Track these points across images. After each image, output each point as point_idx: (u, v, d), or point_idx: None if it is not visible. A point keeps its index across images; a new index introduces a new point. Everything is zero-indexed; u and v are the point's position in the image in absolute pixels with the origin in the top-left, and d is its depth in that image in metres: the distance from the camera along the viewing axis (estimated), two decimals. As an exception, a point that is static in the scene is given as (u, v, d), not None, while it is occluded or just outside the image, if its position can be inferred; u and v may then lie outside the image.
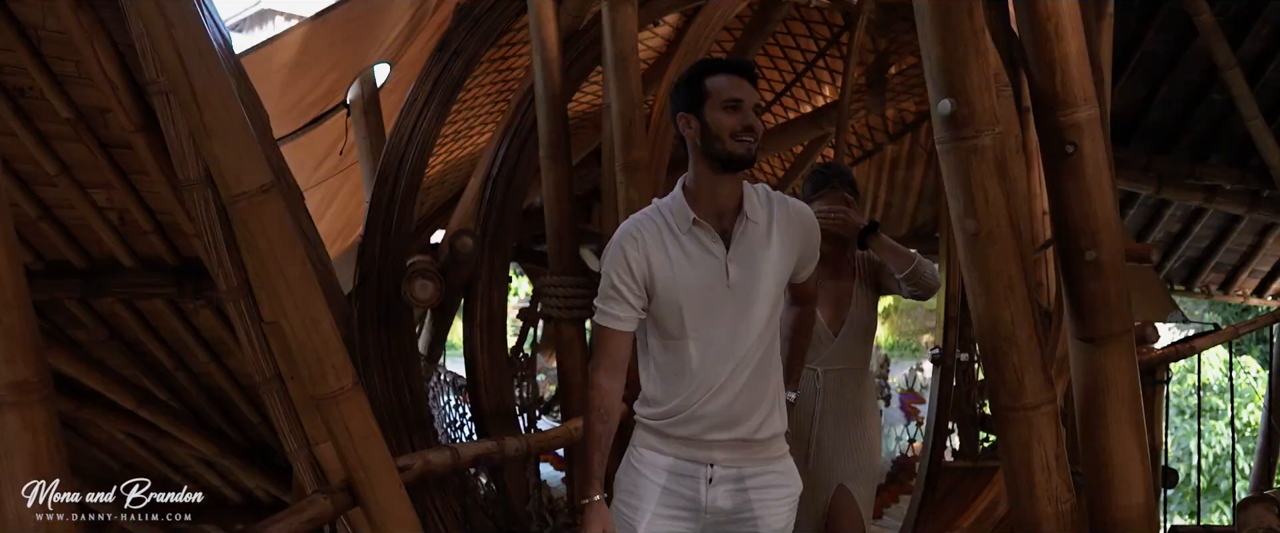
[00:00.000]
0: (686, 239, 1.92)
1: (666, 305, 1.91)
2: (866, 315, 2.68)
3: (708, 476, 1.95)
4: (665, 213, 1.96)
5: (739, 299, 1.91)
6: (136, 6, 1.74)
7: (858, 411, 2.66)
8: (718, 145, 1.87)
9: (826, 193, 2.63)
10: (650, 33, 5.86)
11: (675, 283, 1.89)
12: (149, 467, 4.78)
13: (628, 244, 1.92)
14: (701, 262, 1.90)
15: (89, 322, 3.97)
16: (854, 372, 2.66)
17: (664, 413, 1.96)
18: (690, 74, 1.95)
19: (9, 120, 3.06)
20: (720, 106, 1.87)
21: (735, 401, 1.92)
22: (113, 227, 3.60)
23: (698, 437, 1.94)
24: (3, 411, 1.21)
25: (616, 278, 1.92)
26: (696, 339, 1.91)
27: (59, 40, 2.83)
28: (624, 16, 3.23)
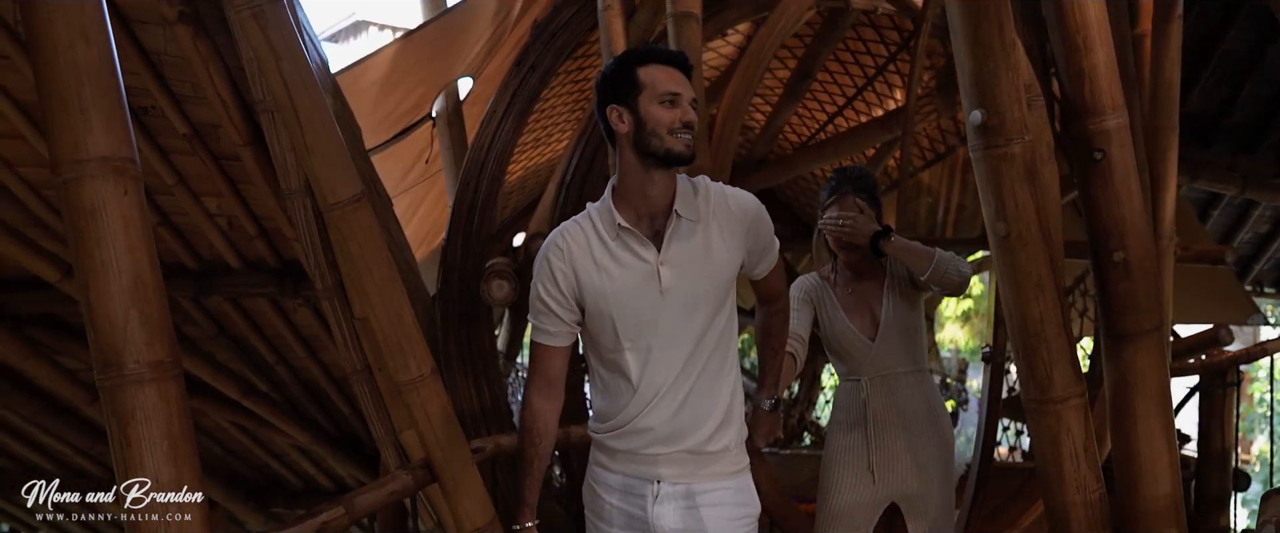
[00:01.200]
0: (615, 245, 1.79)
1: (598, 318, 1.80)
2: (905, 316, 2.54)
3: (654, 492, 1.83)
4: (593, 219, 1.83)
5: (676, 305, 1.78)
6: (246, 37, 1.99)
7: (918, 418, 2.51)
8: (655, 142, 1.74)
9: (838, 199, 2.55)
10: (723, 41, 6.02)
11: (605, 293, 1.78)
12: (251, 454, 5.16)
13: (552, 256, 1.82)
14: (632, 268, 1.78)
15: (200, 319, 4.34)
16: (903, 376, 2.52)
17: (608, 428, 1.86)
18: (619, 64, 1.81)
19: (134, 136, 3.40)
20: (656, 100, 1.75)
21: (679, 412, 1.80)
22: (222, 232, 3.93)
23: (640, 451, 1.83)
24: (144, 384, 1.44)
25: (544, 292, 1.82)
26: (633, 350, 1.80)
27: (178, 64, 3.14)
28: (688, 30, 3.40)
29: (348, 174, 1.97)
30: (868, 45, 5.89)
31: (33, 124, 3.23)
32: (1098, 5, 2.03)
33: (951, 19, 1.97)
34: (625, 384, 1.82)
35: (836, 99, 6.57)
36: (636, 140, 1.75)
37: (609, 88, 1.79)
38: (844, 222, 2.49)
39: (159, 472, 1.40)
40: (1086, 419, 2.01)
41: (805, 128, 7.09)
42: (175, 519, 1.48)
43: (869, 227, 2.48)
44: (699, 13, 3.45)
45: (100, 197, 1.35)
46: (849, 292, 2.58)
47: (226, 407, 4.66)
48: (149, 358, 1.43)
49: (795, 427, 8.11)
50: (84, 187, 1.34)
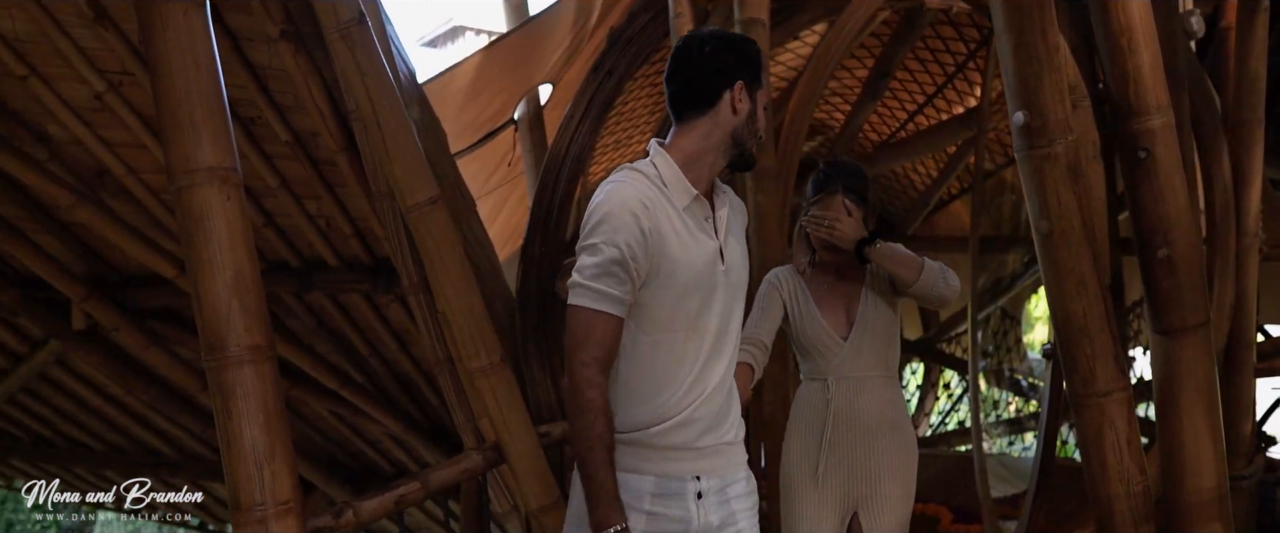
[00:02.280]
0: (686, 214, 1.68)
1: (669, 290, 1.64)
2: (881, 317, 2.41)
3: (696, 490, 1.70)
4: (656, 181, 1.67)
5: (729, 288, 1.73)
6: (336, 55, 2.20)
7: (880, 425, 2.38)
8: (751, 139, 1.73)
9: (824, 197, 2.42)
10: (799, 41, 6.08)
11: (684, 263, 1.64)
12: (347, 441, 5.47)
13: (638, 211, 1.61)
14: (701, 242, 1.68)
15: (301, 313, 4.65)
16: (872, 380, 2.39)
17: (649, 420, 1.67)
18: (757, 50, 1.79)
19: (242, 143, 3.69)
20: (761, 102, 1.76)
21: (725, 401, 1.75)
22: (321, 231, 4.21)
23: (690, 445, 1.69)
24: (243, 365, 1.65)
25: (626, 251, 1.59)
26: (695, 331, 1.68)
27: (280, 76, 3.40)
28: (755, 36, 3.50)
29: (424, 179, 2.16)
30: (947, 43, 5.86)
31: (153, 134, 3.55)
32: (1142, 8, 2.07)
33: (996, 23, 2.04)
34: (680, 368, 1.68)
35: (916, 97, 6.54)
36: (740, 129, 1.70)
37: (741, 65, 1.71)
38: (829, 224, 2.37)
39: (255, 440, 1.60)
40: (1130, 413, 2.05)
41: (885, 126, 7.07)
42: (269, 498, 1.68)
43: (856, 231, 2.36)
44: (766, 19, 3.56)
45: (207, 202, 1.55)
46: (824, 288, 2.46)
47: (325, 396, 4.97)
48: (248, 342, 1.63)
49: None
50: (194, 193, 1.55)
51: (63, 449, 5.85)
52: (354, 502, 1.99)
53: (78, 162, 3.80)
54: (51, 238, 4.16)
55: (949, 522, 4.67)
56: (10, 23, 3.14)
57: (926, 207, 7.19)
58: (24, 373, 5.07)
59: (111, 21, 3.10)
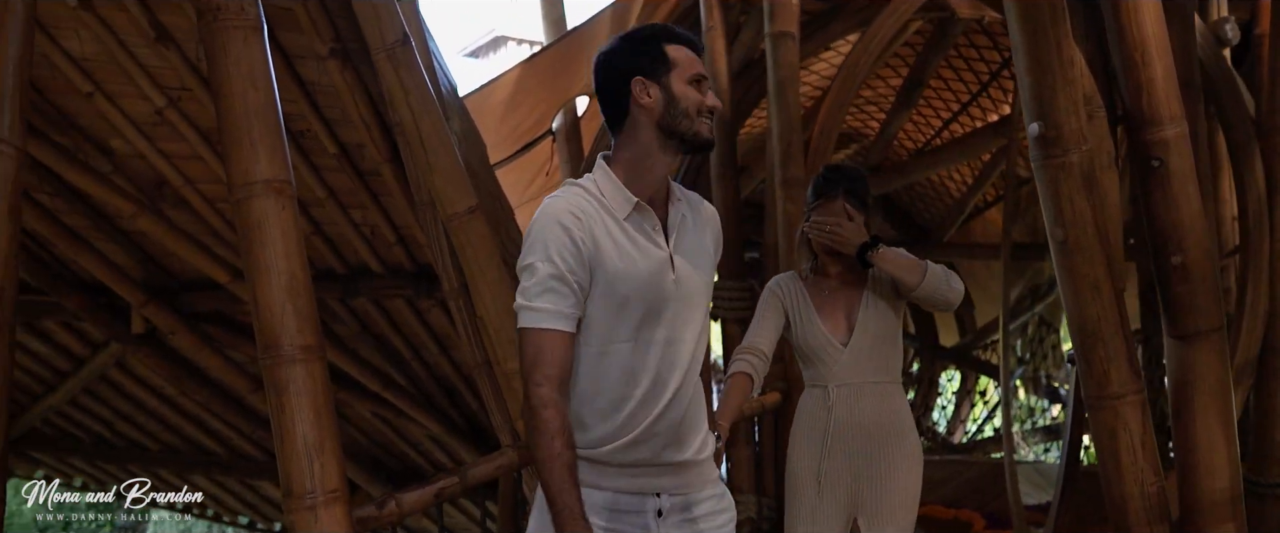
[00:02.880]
0: (628, 223, 1.63)
1: (610, 301, 1.60)
2: (883, 322, 2.40)
3: (657, 507, 1.66)
4: (595, 193, 1.64)
5: (682, 297, 1.65)
6: (381, 73, 2.34)
7: (883, 431, 2.37)
8: (685, 123, 1.63)
9: (825, 202, 2.41)
10: (833, 52, 6.15)
11: (623, 275, 1.59)
12: (390, 443, 5.64)
13: (568, 222, 1.58)
14: (646, 251, 1.62)
15: (347, 318, 4.82)
16: (874, 387, 2.38)
17: (605, 437, 1.63)
18: (646, 38, 1.68)
19: (292, 156, 3.85)
20: (688, 80, 1.64)
21: (683, 417, 1.66)
22: (366, 239, 4.37)
23: (649, 461, 1.64)
24: (295, 364, 1.77)
25: (561, 263, 1.56)
26: (642, 344, 1.62)
27: (329, 92, 3.56)
28: (785, 49, 3.61)
29: (463, 189, 2.29)
30: (980, 51, 5.90)
31: (210, 147, 3.73)
32: (1155, 21, 2.13)
33: (1013, 38, 2.11)
34: (630, 383, 1.63)
35: (950, 105, 6.58)
36: (663, 119, 1.62)
37: (631, 60, 1.65)
38: (831, 229, 2.36)
39: (306, 433, 1.72)
40: (1144, 415, 2.11)
41: (920, 134, 7.10)
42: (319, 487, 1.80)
43: (858, 235, 2.35)
44: (796, 31, 3.65)
45: (264, 211, 1.68)
46: (825, 293, 2.45)
47: (369, 399, 5.14)
48: (300, 342, 1.75)
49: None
50: (252, 204, 1.67)
51: (120, 449, 6.09)
52: (396, 494, 2.10)
53: (139, 173, 4.00)
54: (113, 246, 4.38)
55: (981, 528, 4.70)
56: (78, 43, 3.33)
57: (961, 214, 7.20)
58: (85, 375, 5.31)
59: (172, 41, 3.28)
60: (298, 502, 1.72)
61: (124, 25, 3.25)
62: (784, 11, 3.56)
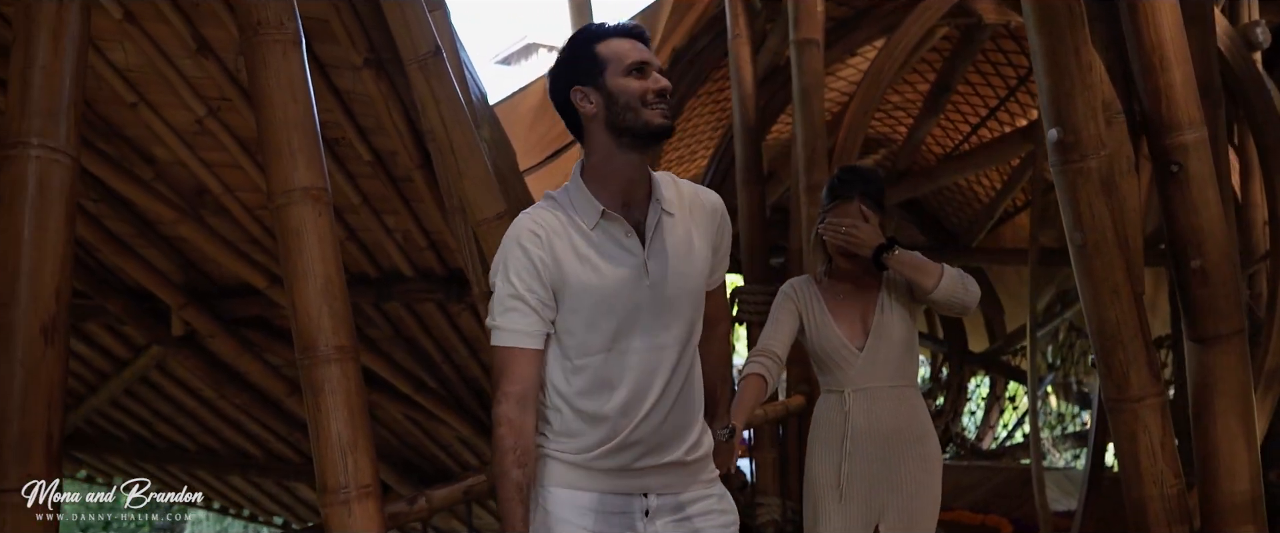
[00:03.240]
0: (596, 234, 1.61)
1: (578, 315, 1.60)
2: (898, 327, 2.37)
3: (643, 507, 1.66)
4: (565, 206, 1.64)
5: (661, 303, 1.62)
6: (413, 83, 2.41)
7: (901, 436, 2.34)
8: (630, 116, 1.56)
9: (840, 204, 2.38)
10: (860, 58, 6.17)
11: (589, 287, 1.59)
12: (421, 445, 5.73)
13: (527, 242, 1.59)
14: (616, 260, 1.60)
15: (379, 322, 4.91)
16: (891, 391, 2.36)
17: (586, 446, 1.64)
18: (573, 43, 1.65)
19: (328, 163, 3.95)
20: (624, 72, 1.58)
21: (666, 421, 1.64)
22: (398, 244, 4.46)
23: (629, 466, 1.65)
24: (331, 363, 1.84)
25: (520, 283, 1.59)
26: (616, 354, 1.62)
27: (363, 101, 3.65)
28: (809, 56, 3.65)
29: (493, 195, 2.35)
30: (1008, 56, 5.89)
31: (248, 155, 3.84)
32: (1174, 26, 2.15)
33: (1031, 44, 2.14)
34: (607, 394, 1.63)
35: (979, 110, 6.57)
36: (609, 119, 1.58)
37: (567, 71, 1.63)
38: (847, 230, 2.33)
39: (340, 430, 1.79)
40: (1164, 417, 2.12)
41: (949, 139, 7.10)
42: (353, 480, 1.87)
43: (873, 237, 2.32)
44: (820, 38, 3.69)
45: (302, 218, 1.76)
46: (840, 297, 2.43)
47: (401, 401, 5.23)
48: (335, 343, 1.82)
49: (941, 437, 8.05)
50: (290, 210, 1.75)
51: (159, 450, 6.24)
52: (427, 491, 2.17)
53: (180, 181, 4.12)
54: (155, 251, 4.51)
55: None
56: (123, 55, 3.45)
57: (990, 219, 7.18)
58: (127, 377, 5.45)
59: (212, 52, 3.39)
60: (332, 496, 1.79)
61: (167, 37, 3.36)
62: (808, 19, 3.60)
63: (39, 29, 1.30)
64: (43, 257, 1.31)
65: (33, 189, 1.29)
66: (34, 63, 1.28)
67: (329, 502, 1.79)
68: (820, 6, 3.65)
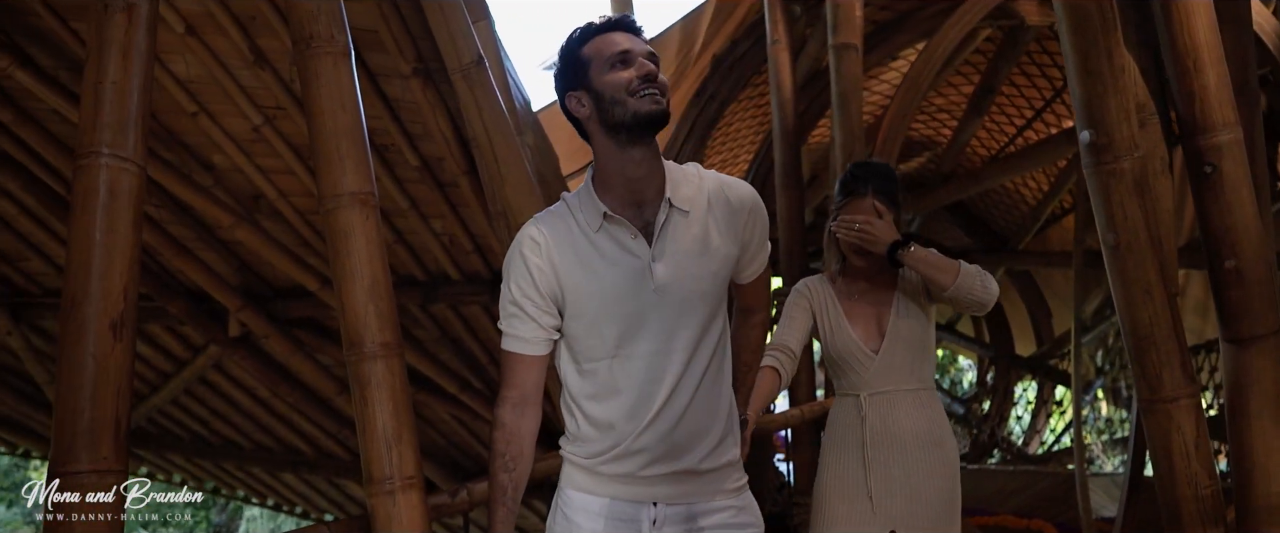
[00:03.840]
0: (599, 237, 1.57)
1: (581, 321, 1.57)
2: (914, 329, 2.31)
3: (651, 517, 1.60)
4: (573, 209, 1.60)
5: (669, 306, 1.56)
6: (457, 92, 2.50)
7: (918, 441, 2.28)
8: (618, 109, 1.50)
9: (853, 200, 2.30)
10: (903, 61, 6.16)
11: (590, 293, 1.55)
12: (466, 444, 5.84)
13: (527, 250, 1.59)
14: (620, 264, 1.55)
15: (426, 323, 5.03)
16: (907, 394, 2.30)
17: (593, 452, 1.62)
18: (562, 52, 1.62)
19: (377, 168, 4.07)
20: (607, 66, 1.53)
21: (676, 428, 1.57)
22: (444, 248, 4.58)
23: (635, 474, 1.59)
24: (377, 360, 1.92)
25: (517, 291, 1.59)
26: (622, 359, 1.56)
27: (411, 108, 3.76)
28: (847, 61, 3.68)
29: (534, 200, 2.43)
30: (1054, 58, 5.84)
31: (301, 162, 3.97)
32: (1208, 28, 2.15)
33: (1063, 46, 2.16)
34: (613, 400, 1.59)
35: (1025, 112, 6.51)
36: (602, 118, 1.54)
37: (560, 79, 1.61)
38: (861, 227, 2.25)
39: (385, 424, 1.87)
40: (1198, 418, 2.12)
41: (994, 141, 7.04)
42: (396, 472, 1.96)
43: (888, 234, 2.24)
44: (859, 43, 3.72)
45: (350, 221, 1.84)
46: (855, 298, 2.37)
47: (447, 401, 5.34)
48: (380, 340, 1.90)
49: (987, 442, 7.99)
50: (340, 214, 1.84)
51: (216, 447, 6.44)
52: (468, 484, 2.25)
53: (237, 187, 4.27)
54: (213, 254, 4.68)
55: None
56: (184, 66, 3.60)
57: (1037, 222, 7.11)
58: (187, 376, 5.65)
59: (268, 63, 3.52)
60: (377, 487, 1.87)
61: (225, 49, 3.50)
62: (847, 24, 3.63)
63: (110, 46, 1.40)
64: (112, 258, 1.41)
65: (104, 195, 1.38)
66: (104, 78, 1.37)
67: (374, 492, 1.87)
68: (859, 11, 3.67)
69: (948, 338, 9.89)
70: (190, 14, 3.34)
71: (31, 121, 3.77)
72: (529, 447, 1.66)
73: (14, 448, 6.66)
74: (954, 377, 12.08)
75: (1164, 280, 2.14)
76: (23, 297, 5.10)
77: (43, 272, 4.96)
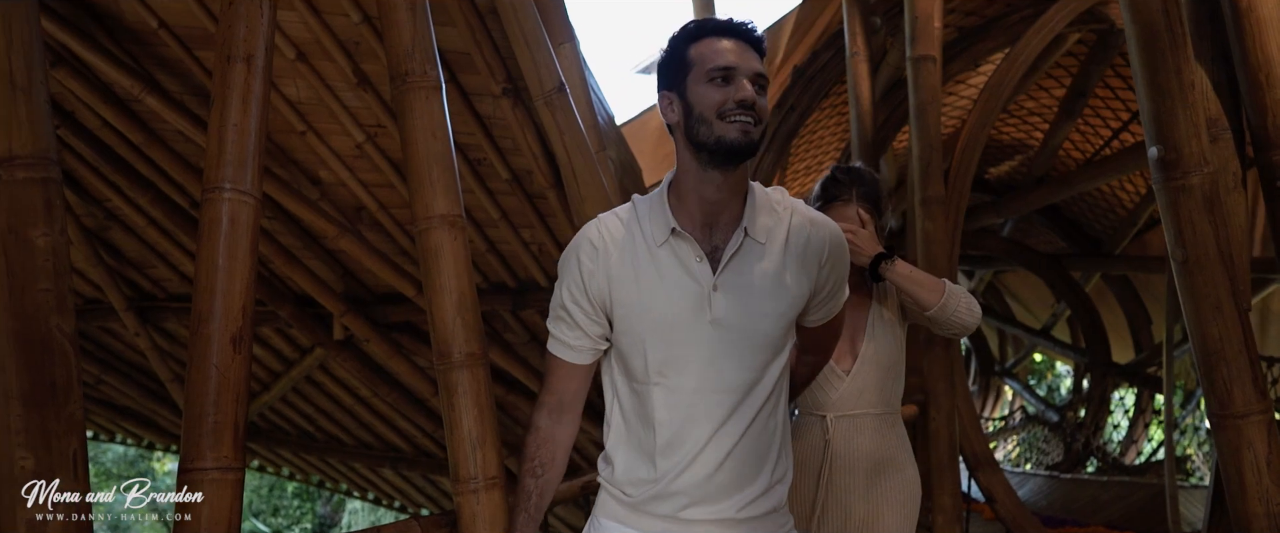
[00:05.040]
0: (662, 252, 1.45)
1: (628, 337, 1.46)
2: (889, 350, 2.16)
3: None
4: (640, 216, 1.49)
5: (725, 341, 1.43)
6: (540, 116, 2.66)
7: (881, 466, 2.15)
8: (703, 129, 1.39)
9: (836, 206, 2.14)
10: (991, 64, 6.09)
11: (640, 309, 1.44)
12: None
13: (583, 253, 1.49)
14: (678, 285, 1.43)
15: (516, 328, 5.24)
16: (875, 418, 2.16)
17: (626, 482, 1.51)
18: (671, 42, 1.49)
19: (471, 181, 4.29)
20: (705, 78, 1.40)
21: (717, 472, 1.45)
22: (533, 256, 4.76)
23: (672, 516, 1.47)
24: (463, 369, 2.06)
25: (567, 296, 1.51)
26: (664, 389, 1.45)
27: (502, 125, 3.95)
28: (925, 72, 3.70)
29: (611, 216, 2.57)
30: (1150, 59, 5.70)
31: (400, 177, 4.21)
32: (1281, 43, 2.14)
33: (1132, 63, 2.19)
34: (650, 431, 1.47)
35: (1120, 114, 6.35)
36: (687, 130, 1.43)
37: (661, 73, 1.50)
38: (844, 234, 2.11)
39: (470, 427, 2.02)
40: (1270, 434, 2.11)
41: (1088, 144, 6.88)
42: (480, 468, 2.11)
43: (872, 246, 2.10)
44: (938, 54, 3.75)
45: (440, 240, 2.00)
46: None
47: (534, 401, 5.52)
48: (466, 350, 2.05)
49: (1081, 451, 7.78)
50: (431, 235, 2.00)
51: (321, 443, 6.80)
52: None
53: (341, 200, 4.55)
54: (319, 262, 4.98)
55: (1144, 551, 4.57)
56: (294, 89, 3.87)
57: (1134, 226, 6.91)
58: (294, 376, 6.00)
59: (370, 85, 3.76)
60: (463, 486, 2.02)
61: (331, 73, 3.75)
62: (925, 36, 3.66)
63: (231, 93, 1.59)
64: (233, 280, 1.59)
65: (226, 225, 1.57)
66: (227, 122, 1.56)
67: (461, 491, 2.03)
68: (937, 23, 3.70)
69: (1042, 344, 9.65)
70: (300, 41, 3.60)
71: (159, 142, 4.11)
72: (561, 455, 1.59)
73: (139, 440, 7.17)
74: (1052, 383, 11.76)
75: (1235, 296, 2.14)
76: (149, 300, 5.52)
77: (167, 277, 5.36)
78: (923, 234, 3.60)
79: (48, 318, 1.23)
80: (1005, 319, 10.85)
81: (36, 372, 1.20)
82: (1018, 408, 11.14)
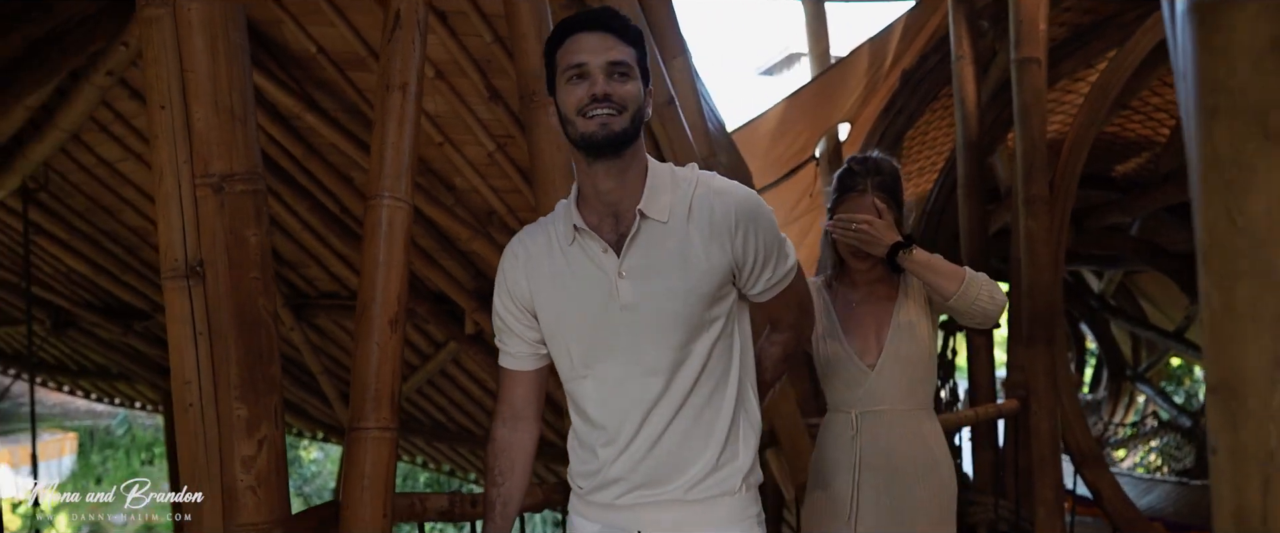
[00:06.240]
0: (572, 251, 1.51)
1: (554, 339, 1.53)
2: (916, 342, 2.12)
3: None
4: (556, 220, 1.56)
5: (640, 324, 1.45)
6: (653, 128, 2.91)
7: (915, 464, 2.12)
8: (570, 128, 1.45)
9: (851, 197, 2.13)
10: (1105, 61, 6.01)
11: (558, 308, 1.50)
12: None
13: (507, 263, 1.57)
14: (588, 279, 1.48)
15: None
16: (904, 415, 2.12)
17: (577, 475, 1.60)
18: (545, 49, 1.53)
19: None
20: (564, 79, 1.45)
21: (650, 455, 1.47)
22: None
23: (614, 503, 1.52)
24: None
25: (499, 304, 1.58)
26: (593, 382, 1.50)
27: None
28: (1030, 75, 3.79)
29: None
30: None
31: (526, 183, 4.54)
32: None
33: (1174, 66, 2.27)
34: (588, 423, 1.54)
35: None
36: (563, 131, 1.50)
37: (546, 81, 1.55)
38: (858, 226, 2.06)
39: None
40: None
41: (1221, 141, 6.65)
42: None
43: (889, 235, 2.05)
44: (1042, 56, 3.82)
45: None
46: (852, 305, 2.19)
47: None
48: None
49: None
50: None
51: (452, 432, 7.24)
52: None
53: (474, 205, 4.93)
54: (453, 262, 5.38)
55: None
56: (433, 104, 4.26)
57: (1270, 225, 6.63)
58: (429, 368, 6.44)
59: (501, 99, 4.10)
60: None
61: (466, 88, 4.11)
62: (1030, 38, 3.74)
63: (390, 116, 1.89)
64: (390, 273, 1.89)
65: (385, 227, 1.86)
66: (386, 142, 1.86)
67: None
68: (1043, 25, 3.77)
69: (1178, 348, 9.30)
70: (439, 60, 3.97)
71: (316, 155, 4.57)
72: (521, 463, 1.64)
73: (290, 428, 7.81)
74: (1190, 389, 11.26)
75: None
76: (303, 298, 6.06)
77: (319, 277, 5.88)
78: (1025, 232, 3.69)
79: (257, 299, 1.56)
80: (1137, 321, 10.47)
81: (248, 340, 1.53)
82: (1150, 413, 10.73)
